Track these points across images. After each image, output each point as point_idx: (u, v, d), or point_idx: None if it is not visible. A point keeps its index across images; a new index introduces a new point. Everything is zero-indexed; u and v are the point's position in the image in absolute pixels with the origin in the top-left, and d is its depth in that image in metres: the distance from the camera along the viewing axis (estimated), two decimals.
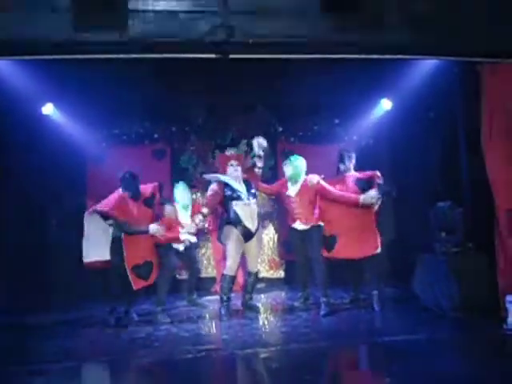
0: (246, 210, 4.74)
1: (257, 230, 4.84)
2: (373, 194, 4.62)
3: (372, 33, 3.87)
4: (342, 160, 5.03)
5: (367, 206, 4.70)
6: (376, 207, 4.78)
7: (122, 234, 4.51)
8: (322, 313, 4.75)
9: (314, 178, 4.92)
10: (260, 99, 6.88)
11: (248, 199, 4.77)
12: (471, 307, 4.33)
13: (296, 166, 4.97)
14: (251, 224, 4.74)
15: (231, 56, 3.93)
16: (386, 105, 6.70)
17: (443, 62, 4.80)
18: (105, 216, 4.62)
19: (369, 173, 4.89)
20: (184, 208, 5.47)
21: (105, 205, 4.60)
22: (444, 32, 3.97)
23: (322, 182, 4.91)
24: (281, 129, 7.11)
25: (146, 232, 4.57)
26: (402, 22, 3.91)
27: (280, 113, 7.02)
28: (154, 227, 4.60)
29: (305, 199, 4.92)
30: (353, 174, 4.98)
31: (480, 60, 4.25)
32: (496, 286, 4.21)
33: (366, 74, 5.31)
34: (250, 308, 5.05)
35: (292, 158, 5.08)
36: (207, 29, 3.80)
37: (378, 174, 4.81)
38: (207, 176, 5.10)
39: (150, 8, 3.78)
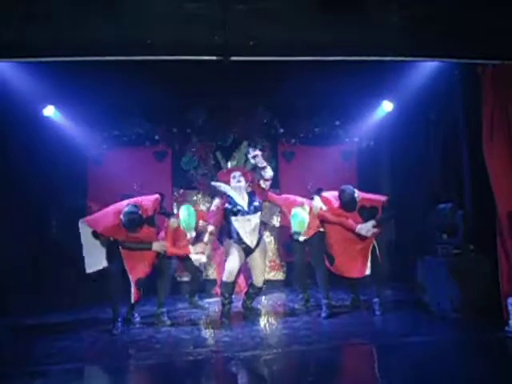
0: (246, 225, 4.57)
1: (257, 245, 4.67)
2: (369, 226, 4.63)
3: (372, 33, 3.87)
4: (344, 204, 4.81)
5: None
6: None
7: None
8: (323, 315, 4.74)
9: (318, 205, 4.98)
10: (261, 101, 6.88)
11: (249, 213, 4.57)
12: (472, 309, 4.32)
13: (301, 224, 4.90)
14: (250, 240, 4.58)
15: (232, 58, 3.92)
16: (387, 106, 6.71)
17: (444, 63, 4.79)
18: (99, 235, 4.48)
19: (375, 199, 4.82)
20: (188, 231, 5.03)
21: (102, 226, 4.43)
22: (444, 33, 3.97)
23: (324, 212, 4.91)
24: (282, 130, 7.12)
25: (149, 249, 4.54)
26: (402, 23, 3.91)
27: (281, 114, 7.02)
28: (157, 245, 4.57)
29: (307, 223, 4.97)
30: (359, 200, 4.82)
31: (480, 62, 4.24)
32: (497, 288, 4.18)
33: (367, 75, 5.30)
34: (250, 310, 5.04)
35: (298, 216, 4.90)
36: (208, 31, 3.80)
37: (384, 199, 4.80)
38: (214, 183, 4.95)
39: (151, 9, 3.78)
